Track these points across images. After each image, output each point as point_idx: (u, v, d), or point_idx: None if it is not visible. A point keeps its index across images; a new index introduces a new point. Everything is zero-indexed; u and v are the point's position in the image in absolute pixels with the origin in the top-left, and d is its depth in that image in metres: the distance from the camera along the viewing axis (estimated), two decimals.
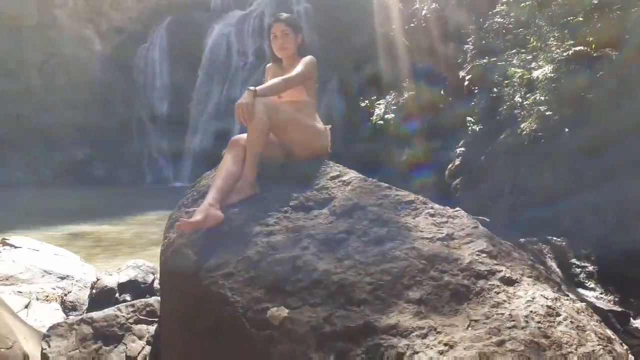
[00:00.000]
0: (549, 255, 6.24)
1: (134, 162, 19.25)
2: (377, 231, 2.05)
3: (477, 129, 9.42)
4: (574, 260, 6.25)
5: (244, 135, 2.55)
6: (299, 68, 2.82)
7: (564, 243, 6.69)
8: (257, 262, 2.01)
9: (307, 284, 1.87)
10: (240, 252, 2.08)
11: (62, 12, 20.11)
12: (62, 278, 5.67)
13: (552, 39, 7.84)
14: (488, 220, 7.49)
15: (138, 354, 2.96)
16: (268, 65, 3.16)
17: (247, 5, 20.14)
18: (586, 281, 5.80)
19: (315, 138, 2.75)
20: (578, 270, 6.04)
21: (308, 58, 2.90)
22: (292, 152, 2.71)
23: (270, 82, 2.73)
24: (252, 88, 2.55)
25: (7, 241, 6.06)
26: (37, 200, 14.69)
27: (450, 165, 9.77)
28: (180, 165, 18.58)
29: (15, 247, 6.11)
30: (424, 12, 11.57)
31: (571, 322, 1.60)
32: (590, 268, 6.08)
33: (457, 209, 2.28)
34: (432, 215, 2.17)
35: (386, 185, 2.39)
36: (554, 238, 6.76)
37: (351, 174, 2.50)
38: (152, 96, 20.21)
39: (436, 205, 2.26)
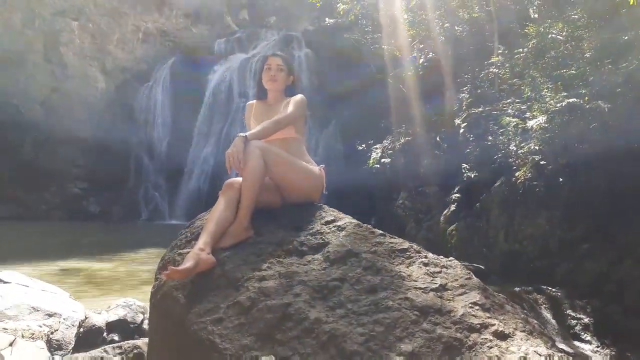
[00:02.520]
0: (544, 305, 6.17)
1: (129, 199, 19.22)
2: (371, 279, 2.03)
3: (472, 175, 9.50)
4: (569, 311, 6.18)
5: (239, 179, 2.55)
6: (290, 108, 2.84)
7: (559, 293, 6.64)
8: (248, 308, 1.98)
9: (298, 332, 1.84)
10: (231, 297, 2.06)
11: (68, 50, 20.56)
12: (50, 315, 5.53)
13: (545, 89, 8.02)
14: (483, 267, 7.47)
15: None
16: (250, 103, 3.15)
17: (249, 49, 20.66)
18: (582, 333, 5.71)
19: (311, 180, 2.76)
20: (574, 322, 5.96)
21: (299, 97, 2.92)
22: (286, 194, 2.70)
23: (260, 126, 2.71)
24: (242, 134, 2.56)
25: None
26: (31, 235, 14.54)
27: (445, 211, 9.78)
28: (176, 202, 18.56)
29: (4, 282, 6.00)
30: (421, 60, 11.87)
31: None
32: (586, 320, 6.00)
33: (451, 258, 2.28)
34: (426, 265, 2.16)
35: (380, 232, 2.39)
36: (549, 288, 6.71)
37: (346, 220, 2.50)
38: (152, 134, 20.41)
39: (430, 254, 2.26)
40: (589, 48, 7.77)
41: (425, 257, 2.22)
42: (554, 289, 6.66)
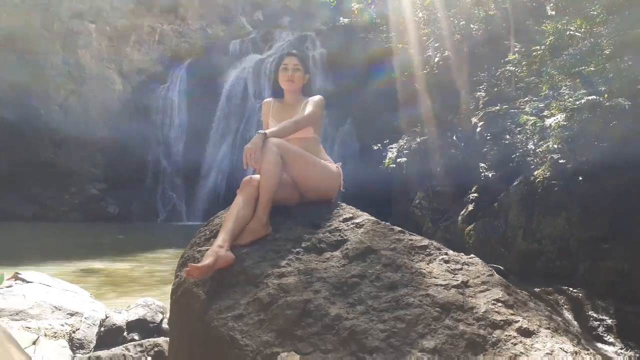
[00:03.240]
0: (565, 306, 6.07)
1: (147, 200, 19.42)
2: (391, 276, 2.02)
3: (490, 175, 9.40)
4: (591, 312, 6.06)
5: (257, 176, 2.56)
6: (309, 109, 2.85)
7: (580, 294, 6.52)
8: (268, 304, 1.99)
9: (318, 329, 1.84)
10: (250, 293, 2.07)
11: (86, 52, 20.86)
12: (72, 314, 5.61)
13: (564, 87, 7.90)
14: (502, 268, 7.38)
15: None
16: (266, 100, 3.15)
17: (264, 50, 20.74)
18: (605, 335, 5.60)
19: (328, 177, 2.76)
20: (596, 323, 5.84)
21: (317, 98, 2.93)
22: (304, 191, 2.70)
23: (280, 125, 2.74)
24: (262, 132, 2.57)
25: (19, 275, 6.06)
26: (51, 236, 14.76)
27: (463, 212, 9.71)
28: (194, 203, 18.69)
29: (27, 282, 6.10)
30: (436, 59, 11.79)
31: None
32: (609, 321, 5.88)
33: (472, 256, 2.25)
34: (447, 262, 2.14)
35: (399, 229, 2.37)
36: (569, 288, 6.59)
37: (364, 217, 2.49)
38: (169, 135, 20.61)
39: (450, 252, 2.24)
40: (608, 44, 7.63)
41: (446, 254, 2.20)
42: (574, 290, 6.55)
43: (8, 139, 18.51)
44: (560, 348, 1.65)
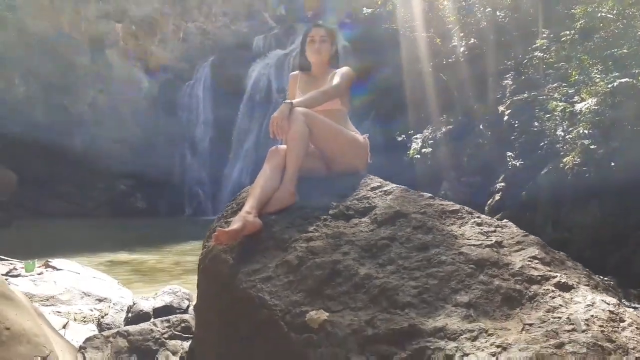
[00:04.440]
0: None
1: (174, 195, 19.67)
2: (422, 238, 1.97)
3: (518, 164, 9.21)
4: (623, 301, 5.90)
5: (284, 146, 2.54)
6: (336, 79, 2.81)
7: (612, 282, 6.35)
8: (297, 266, 1.96)
9: (347, 288, 1.81)
10: (279, 257, 2.05)
11: (113, 52, 21.24)
12: (100, 300, 5.72)
13: (595, 71, 7.68)
14: None
15: None
16: (293, 73, 3.13)
17: (287, 45, 20.76)
18: None
19: (355, 148, 2.72)
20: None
21: (345, 69, 2.89)
22: (331, 162, 2.67)
23: (308, 95, 2.71)
24: (288, 101, 2.55)
25: (49, 263, 6.21)
26: (79, 230, 15.08)
27: (490, 201, 9.54)
28: (219, 198, 18.84)
29: (57, 270, 6.23)
30: (462, 48, 11.60)
31: (637, 328, 1.47)
32: None
33: (505, 220, 2.19)
34: (479, 225, 2.08)
35: (429, 195, 2.32)
36: (601, 277, 6.42)
37: (392, 185, 2.45)
38: (195, 131, 20.83)
39: (483, 216, 2.18)
40: None
41: (478, 217, 2.14)
42: (606, 278, 6.38)
43: (39, 138, 18.97)
44: (602, 300, 1.58)
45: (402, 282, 1.74)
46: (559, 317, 1.50)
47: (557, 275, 1.71)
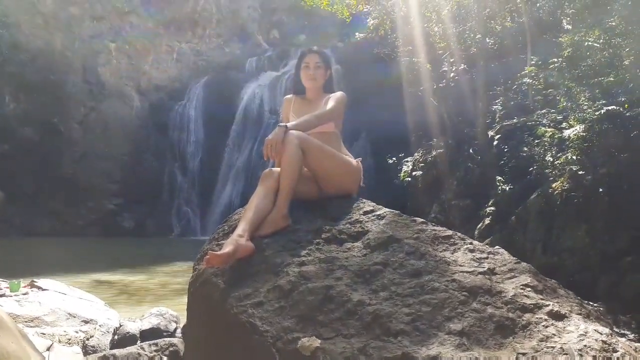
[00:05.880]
0: None
1: (162, 214, 19.55)
2: (414, 264, 1.97)
3: (507, 188, 9.28)
4: (613, 327, 5.89)
5: (278, 169, 2.54)
6: (331, 104, 2.84)
7: (601, 308, 6.35)
8: (289, 291, 1.95)
9: (340, 314, 1.79)
10: (270, 282, 2.03)
11: (106, 70, 21.31)
12: (86, 322, 5.60)
13: (582, 98, 7.82)
14: None
15: None
16: (288, 96, 3.15)
17: (280, 67, 20.96)
18: None
19: (348, 171, 2.73)
20: (619, 337, 5.67)
21: (339, 94, 2.92)
22: (324, 185, 2.67)
23: (302, 118, 2.73)
24: (283, 124, 2.56)
25: (35, 283, 6.08)
26: (66, 249, 14.88)
27: (479, 225, 9.57)
28: (208, 218, 18.74)
29: (43, 290, 6.11)
30: (452, 73, 11.78)
31: (630, 358, 1.47)
32: (631, 336, 5.71)
33: (497, 247, 2.20)
34: (472, 251, 2.08)
35: (422, 220, 2.33)
36: (590, 303, 6.42)
37: (385, 209, 2.45)
38: (185, 151, 20.83)
39: (475, 242, 2.18)
40: (627, 55, 7.55)
41: (471, 243, 2.14)
42: (595, 304, 6.38)
43: (29, 155, 18.84)
44: (595, 330, 1.58)
45: (395, 309, 1.73)
46: (553, 347, 1.50)
47: (549, 304, 1.71)
